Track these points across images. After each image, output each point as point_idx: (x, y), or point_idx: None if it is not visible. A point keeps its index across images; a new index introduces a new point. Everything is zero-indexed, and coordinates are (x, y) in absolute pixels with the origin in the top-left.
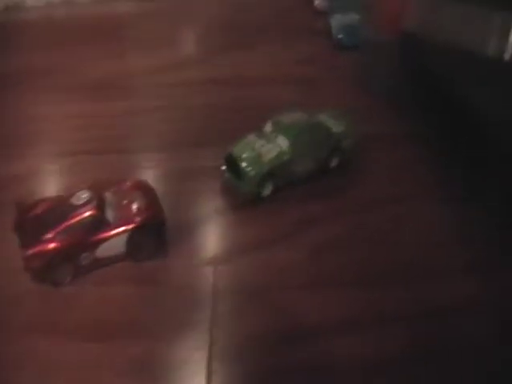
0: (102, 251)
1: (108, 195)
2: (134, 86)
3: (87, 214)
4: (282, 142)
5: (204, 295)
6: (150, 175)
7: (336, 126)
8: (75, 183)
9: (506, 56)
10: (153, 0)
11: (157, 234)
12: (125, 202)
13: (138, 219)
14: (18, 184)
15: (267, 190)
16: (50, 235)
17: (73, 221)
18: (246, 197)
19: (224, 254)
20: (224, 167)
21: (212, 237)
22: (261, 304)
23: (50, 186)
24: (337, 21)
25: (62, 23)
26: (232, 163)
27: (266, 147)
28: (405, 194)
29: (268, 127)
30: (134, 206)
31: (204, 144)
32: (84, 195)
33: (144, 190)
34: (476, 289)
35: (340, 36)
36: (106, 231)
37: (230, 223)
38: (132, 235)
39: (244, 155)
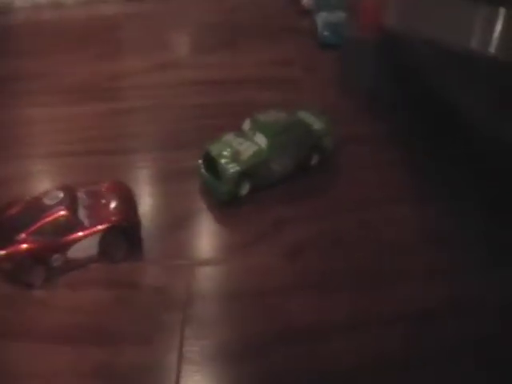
0: (74, 252)
1: (81, 195)
2: (123, 87)
3: (59, 214)
4: (260, 140)
5: (180, 297)
6: (136, 176)
7: (316, 123)
8: (54, 185)
9: (491, 50)
10: (141, 1)
11: (131, 236)
12: (98, 202)
13: (110, 220)
14: (3, 186)
15: (244, 189)
16: (22, 236)
17: (43, 221)
18: (223, 197)
19: (201, 256)
20: (201, 165)
21: (189, 238)
22: (239, 307)
23: (31, 188)
24: (322, 18)
25: (51, 25)
26: (209, 162)
27: (243, 145)
28: (387, 194)
29: (246, 125)
30: (108, 207)
31: (190, 145)
32: (56, 195)
33: (119, 190)
34: (450, 293)
35: (325, 33)
36: (78, 232)
37: (208, 225)
38: (104, 236)
39: (221, 153)
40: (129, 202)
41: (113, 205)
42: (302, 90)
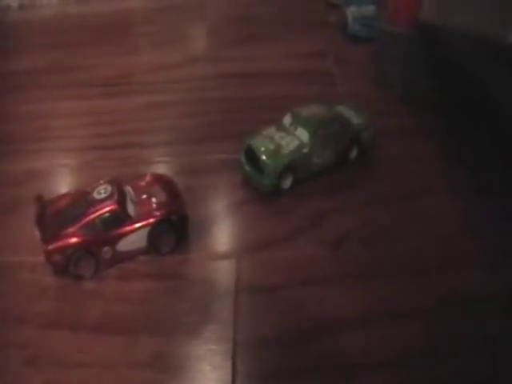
0: (124, 245)
1: (129, 189)
2: (158, 80)
3: (108, 208)
4: (302, 135)
5: (226, 288)
6: (167, 169)
7: (355, 118)
8: (91, 178)
9: None
10: None
11: (179, 228)
12: (146, 196)
13: (158, 213)
14: (33, 180)
15: (287, 183)
16: (70, 230)
17: (94, 215)
18: (265, 190)
19: (245, 247)
20: (243, 159)
21: (232, 230)
22: (283, 297)
23: (66, 181)
24: (352, 12)
25: (76, 20)
26: (251, 156)
27: (285, 139)
28: (422, 187)
29: (287, 119)
30: (155, 200)
31: (221, 137)
32: (105, 189)
33: (165, 183)
34: (490, 280)
35: (356, 27)
36: (128, 225)
37: (250, 216)
38: (153, 229)
39: (263, 147)
40: (175, 195)
41: (160, 198)
42: (336, 82)
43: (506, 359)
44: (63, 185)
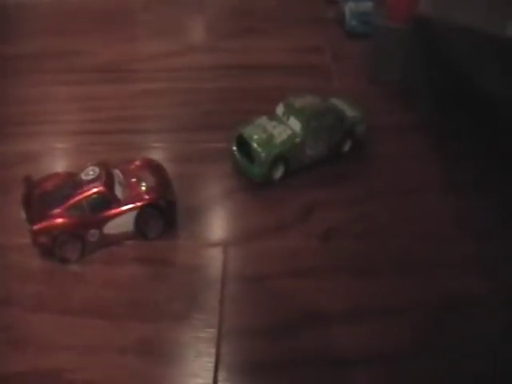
0: (111, 228)
1: (117, 172)
2: (145, 69)
3: (95, 190)
4: (294, 125)
5: (213, 276)
6: (159, 156)
7: (349, 111)
8: (83, 162)
9: None
10: None
11: (166, 213)
12: (134, 179)
13: (147, 197)
14: (26, 162)
15: (278, 173)
16: (57, 210)
17: (80, 197)
18: (256, 179)
19: (233, 236)
20: (234, 148)
21: (222, 219)
22: (271, 287)
23: (58, 164)
24: (350, 8)
25: (76, 6)
26: (243, 145)
27: (277, 129)
28: (418, 183)
29: (280, 109)
30: (144, 184)
31: (215, 127)
32: (93, 171)
33: (154, 168)
34: (490, 279)
35: (353, 23)
36: (115, 208)
37: (240, 206)
38: (141, 213)
39: (256, 136)
40: (164, 180)
41: (149, 182)
42: (332, 77)
43: (506, 359)
44: (55, 168)
